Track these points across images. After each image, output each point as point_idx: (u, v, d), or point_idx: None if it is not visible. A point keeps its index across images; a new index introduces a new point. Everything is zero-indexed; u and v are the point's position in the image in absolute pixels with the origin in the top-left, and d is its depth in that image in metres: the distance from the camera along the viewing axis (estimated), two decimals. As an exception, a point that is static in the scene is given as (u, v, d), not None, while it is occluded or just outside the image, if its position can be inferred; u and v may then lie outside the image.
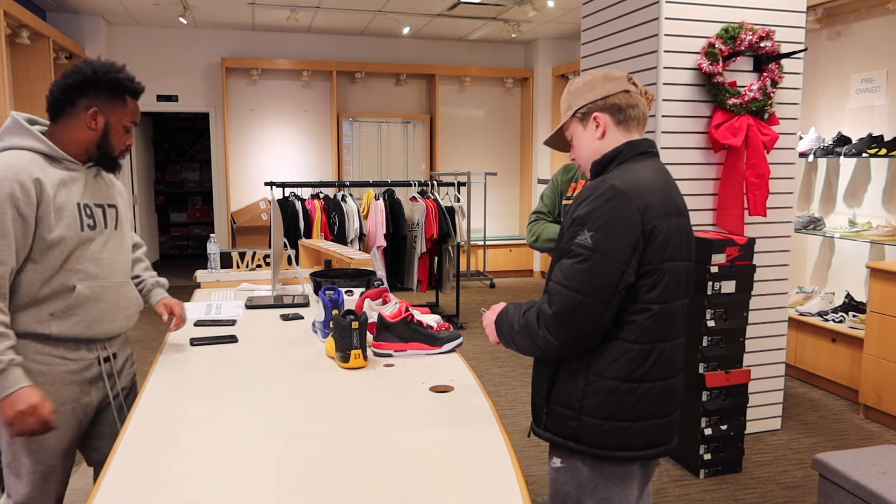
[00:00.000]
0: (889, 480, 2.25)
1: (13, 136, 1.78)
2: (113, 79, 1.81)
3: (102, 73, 1.80)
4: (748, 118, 3.39)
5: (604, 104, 1.60)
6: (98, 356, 1.86)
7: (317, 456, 1.35)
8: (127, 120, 1.86)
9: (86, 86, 1.79)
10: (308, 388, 1.73)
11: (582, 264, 1.46)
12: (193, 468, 1.30)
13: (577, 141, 1.66)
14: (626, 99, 1.60)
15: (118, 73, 1.82)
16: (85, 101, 1.79)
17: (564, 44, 8.44)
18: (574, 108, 1.63)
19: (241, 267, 3.26)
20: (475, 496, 1.20)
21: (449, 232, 5.88)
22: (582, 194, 1.53)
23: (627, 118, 1.60)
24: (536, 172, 8.49)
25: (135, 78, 1.87)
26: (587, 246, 1.46)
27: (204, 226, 10.28)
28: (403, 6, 6.75)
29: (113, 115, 1.83)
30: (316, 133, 8.24)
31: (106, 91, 1.81)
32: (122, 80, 1.82)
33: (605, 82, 1.61)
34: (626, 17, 3.63)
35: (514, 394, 4.35)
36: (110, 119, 1.83)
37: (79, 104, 1.79)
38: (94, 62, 1.82)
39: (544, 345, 1.50)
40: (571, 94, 1.65)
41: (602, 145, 1.61)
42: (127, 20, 7.36)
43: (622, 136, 1.60)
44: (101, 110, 1.81)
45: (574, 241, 1.48)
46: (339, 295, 2.13)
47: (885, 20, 4.41)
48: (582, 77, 1.66)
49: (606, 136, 1.60)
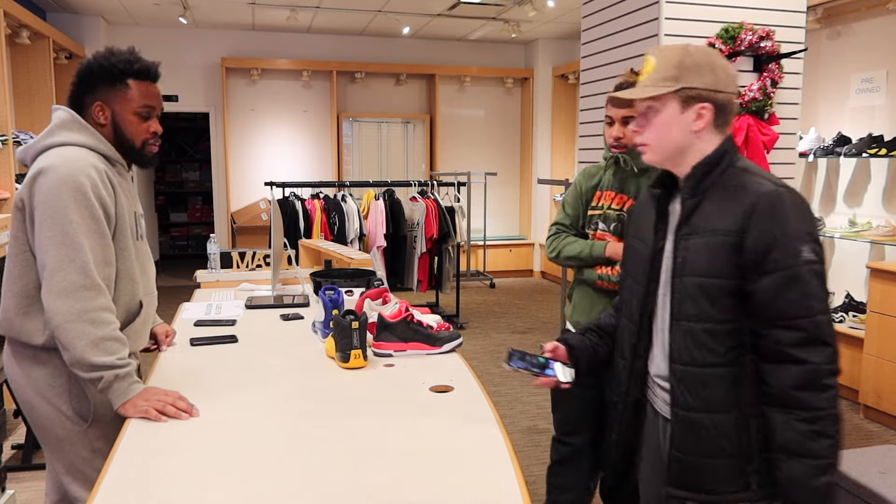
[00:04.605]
0: (889, 480, 2.25)
1: (69, 131, 1.65)
2: (105, 65, 1.67)
3: (96, 63, 1.68)
4: (748, 118, 3.39)
5: (717, 97, 1.37)
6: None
7: (316, 456, 1.35)
8: (136, 105, 1.70)
9: (86, 81, 1.69)
10: (308, 388, 1.73)
11: (818, 279, 1.28)
12: (193, 468, 1.29)
13: (661, 120, 1.39)
14: (734, 103, 1.41)
15: (111, 56, 1.68)
16: (90, 97, 1.69)
17: (564, 44, 8.44)
18: (682, 84, 1.36)
19: (241, 267, 3.26)
20: (475, 496, 1.20)
21: (449, 232, 5.88)
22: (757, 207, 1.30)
23: (725, 123, 1.41)
24: (536, 172, 8.49)
25: (137, 58, 1.71)
26: (815, 259, 1.28)
27: (204, 226, 10.28)
28: (403, 6, 6.75)
29: (116, 103, 1.69)
30: (316, 133, 8.24)
31: (104, 80, 1.68)
32: (116, 63, 1.67)
33: (725, 72, 1.38)
34: (626, 17, 3.63)
35: (514, 394, 4.35)
36: (115, 108, 1.70)
37: (87, 103, 1.70)
38: (97, 54, 1.70)
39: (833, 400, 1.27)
40: (685, 66, 1.36)
41: (694, 141, 1.39)
42: (127, 20, 7.35)
43: (716, 138, 1.40)
44: (105, 102, 1.69)
45: (800, 258, 1.27)
46: (339, 295, 2.13)
47: (885, 20, 4.41)
48: (702, 51, 1.39)
49: (702, 133, 1.39)
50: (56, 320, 1.54)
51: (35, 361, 1.67)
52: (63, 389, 1.66)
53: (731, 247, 1.31)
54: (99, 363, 1.55)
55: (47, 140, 1.65)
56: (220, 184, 8.01)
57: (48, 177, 1.57)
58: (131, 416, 1.53)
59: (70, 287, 1.54)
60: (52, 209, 1.55)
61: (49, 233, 1.55)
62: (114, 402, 1.57)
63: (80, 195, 1.56)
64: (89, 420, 1.67)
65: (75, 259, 1.55)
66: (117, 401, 1.57)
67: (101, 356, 1.55)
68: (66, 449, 1.69)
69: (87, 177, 1.59)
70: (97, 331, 1.55)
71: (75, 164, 1.59)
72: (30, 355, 1.67)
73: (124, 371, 1.58)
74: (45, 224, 1.56)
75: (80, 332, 1.54)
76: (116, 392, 1.57)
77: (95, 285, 1.57)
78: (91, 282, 1.56)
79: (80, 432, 1.68)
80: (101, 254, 1.61)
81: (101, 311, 1.57)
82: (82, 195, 1.57)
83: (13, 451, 3.37)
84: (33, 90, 5.70)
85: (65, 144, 1.64)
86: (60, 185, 1.56)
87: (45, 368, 1.66)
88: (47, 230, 1.55)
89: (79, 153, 1.62)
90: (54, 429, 1.68)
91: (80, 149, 1.64)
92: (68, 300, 1.54)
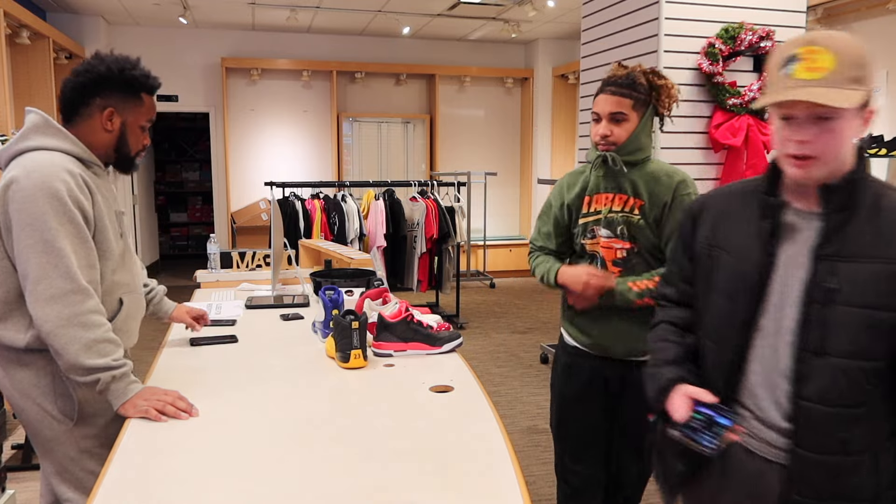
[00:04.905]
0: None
1: (42, 135, 1.64)
2: (128, 76, 1.68)
3: (117, 71, 1.67)
4: (748, 118, 3.39)
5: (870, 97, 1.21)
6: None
7: (317, 456, 1.35)
8: (144, 119, 1.74)
9: (100, 84, 1.67)
10: (308, 388, 1.73)
11: None
12: (193, 468, 1.29)
13: (843, 129, 1.19)
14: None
15: (133, 69, 1.69)
16: (100, 100, 1.68)
17: (564, 44, 8.44)
18: (867, 87, 1.19)
19: (241, 267, 3.26)
20: (475, 496, 1.20)
21: (449, 232, 5.88)
22: None
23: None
24: (536, 172, 8.49)
25: (150, 73, 1.74)
26: None
27: (204, 226, 10.28)
28: (403, 6, 6.75)
29: (129, 114, 1.71)
30: (316, 133, 8.24)
31: (121, 89, 1.69)
32: (138, 77, 1.70)
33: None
34: (626, 17, 3.63)
35: (514, 394, 4.35)
36: (127, 119, 1.71)
37: (93, 105, 1.68)
38: (108, 58, 1.69)
39: None
40: (866, 65, 1.18)
41: (847, 150, 1.22)
42: (127, 20, 7.35)
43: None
44: (117, 110, 1.69)
45: None
46: (339, 295, 2.13)
47: (885, 20, 4.41)
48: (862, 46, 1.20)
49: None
50: (46, 328, 1.53)
51: (18, 364, 1.67)
52: (48, 390, 1.67)
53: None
54: (94, 366, 1.54)
55: (21, 144, 1.63)
56: (220, 184, 8.01)
57: (22, 185, 1.55)
58: (131, 416, 1.53)
59: (57, 293, 1.53)
60: (29, 217, 1.53)
61: (28, 241, 1.54)
62: (113, 402, 1.57)
63: (56, 201, 1.55)
64: (75, 419, 1.67)
65: (58, 265, 1.54)
66: (116, 401, 1.57)
67: (95, 359, 1.55)
68: (54, 449, 1.70)
69: (63, 182, 1.57)
70: (89, 334, 1.55)
71: (49, 169, 1.57)
72: (13, 358, 1.67)
73: (120, 372, 1.58)
74: (24, 232, 1.54)
75: (72, 337, 1.53)
76: (115, 393, 1.57)
77: (82, 289, 1.56)
78: (77, 286, 1.55)
79: (67, 431, 1.68)
80: (84, 258, 1.60)
81: (90, 314, 1.56)
82: (58, 201, 1.55)
83: (13, 451, 3.37)
84: (33, 90, 5.71)
85: (39, 149, 1.62)
86: (36, 192, 1.54)
87: (29, 370, 1.66)
88: (26, 238, 1.54)
89: (53, 158, 1.60)
90: (42, 429, 1.68)
91: (54, 153, 1.62)
92: (56, 306, 1.53)
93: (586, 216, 2.07)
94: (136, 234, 7.98)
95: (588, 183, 2.08)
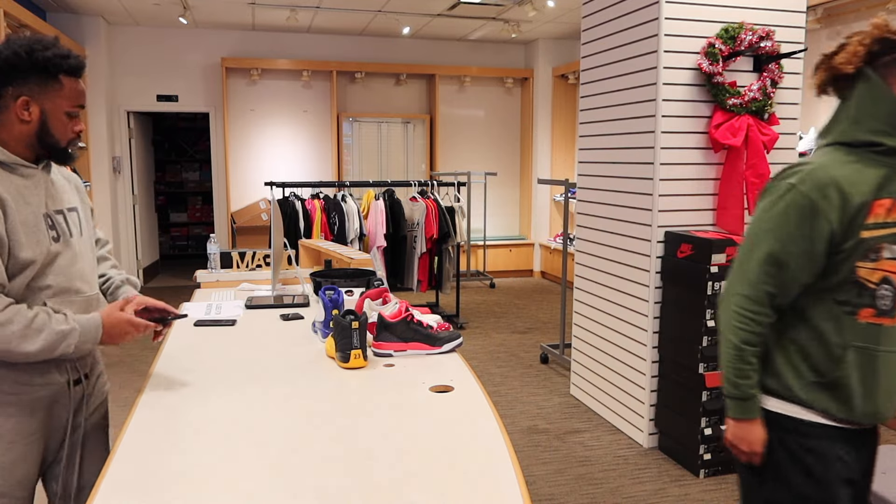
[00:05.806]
0: (889, 480, 2.25)
1: None
2: (40, 58, 1.50)
3: (25, 54, 1.49)
4: (748, 118, 3.39)
5: None
6: (69, 378, 1.66)
7: (317, 456, 1.35)
8: (68, 104, 1.56)
9: (9, 72, 1.49)
10: (308, 388, 1.73)
11: None
12: (193, 468, 1.30)
13: None
14: None
15: (45, 50, 1.51)
16: (12, 90, 1.50)
17: (564, 44, 8.45)
18: None
19: (241, 267, 3.26)
20: (475, 496, 1.20)
21: (449, 232, 5.88)
22: None
23: None
24: (536, 172, 8.50)
25: (70, 53, 1.55)
26: None
27: (204, 226, 10.28)
28: (403, 6, 6.75)
29: (47, 101, 1.53)
30: (316, 133, 8.24)
31: (34, 74, 1.51)
32: (52, 58, 1.51)
33: None
34: (626, 17, 3.63)
35: (514, 394, 4.35)
36: (45, 106, 1.53)
37: (5, 95, 1.50)
38: (15, 41, 1.51)
39: None
40: None
41: None
42: (127, 20, 7.36)
43: None
44: (33, 98, 1.52)
45: None
46: (339, 295, 2.13)
47: (885, 20, 4.41)
48: None
49: None
50: None
51: None
52: None
53: None
54: (43, 346, 1.49)
55: None
56: (220, 184, 8.01)
57: None
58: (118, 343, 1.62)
59: None
60: None
61: None
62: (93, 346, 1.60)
63: None
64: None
65: None
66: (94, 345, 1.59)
67: (37, 340, 1.48)
68: None
69: None
70: (14, 326, 1.45)
71: None
72: None
73: (68, 328, 1.52)
74: None
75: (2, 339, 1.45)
76: (84, 344, 1.56)
77: None
78: None
79: None
80: None
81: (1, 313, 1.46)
82: None
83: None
84: (33, 90, 5.69)
85: None
86: None
87: None
88: None
89: None
90: None
91: None
92: None
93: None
94: (136, 234, 7.98)
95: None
